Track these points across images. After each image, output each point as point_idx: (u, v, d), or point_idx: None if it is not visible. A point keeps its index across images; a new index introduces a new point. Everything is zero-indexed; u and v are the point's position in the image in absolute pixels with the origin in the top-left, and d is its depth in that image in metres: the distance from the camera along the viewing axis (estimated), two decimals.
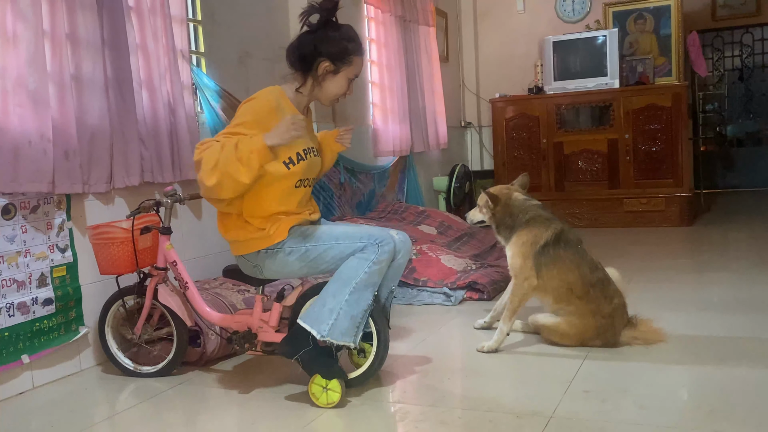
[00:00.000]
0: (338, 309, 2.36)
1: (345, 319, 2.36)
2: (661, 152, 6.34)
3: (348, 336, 2.37)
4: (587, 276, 2.90)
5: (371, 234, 2.40)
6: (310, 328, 2.37)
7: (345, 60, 2.49)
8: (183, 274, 2.77)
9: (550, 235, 2.93)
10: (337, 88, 2.53)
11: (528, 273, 2.93)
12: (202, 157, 2.29)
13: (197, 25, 3.83)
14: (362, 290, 2.36)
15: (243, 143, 2.28)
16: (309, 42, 2.50)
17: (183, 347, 2.84)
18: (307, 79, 2.52)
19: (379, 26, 5.53)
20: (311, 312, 2.41)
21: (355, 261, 2.37)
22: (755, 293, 3.69)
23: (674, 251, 5.21)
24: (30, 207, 2.77)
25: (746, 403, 2.26)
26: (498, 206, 3.05)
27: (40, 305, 2.79)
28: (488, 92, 7.36)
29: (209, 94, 3.74)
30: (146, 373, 2.86)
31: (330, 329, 2.35)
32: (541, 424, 2.17)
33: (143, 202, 2.80)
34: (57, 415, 2.51)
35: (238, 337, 2.63)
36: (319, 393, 2.41)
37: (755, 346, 2.83)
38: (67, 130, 2.82)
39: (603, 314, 2.87)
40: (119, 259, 2.77)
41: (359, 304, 2.37)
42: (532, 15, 7.30)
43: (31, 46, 2.66)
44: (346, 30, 2.52)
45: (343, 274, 2.38)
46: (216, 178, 2.27)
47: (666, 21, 6.71)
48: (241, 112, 2.41)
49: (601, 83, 6.51)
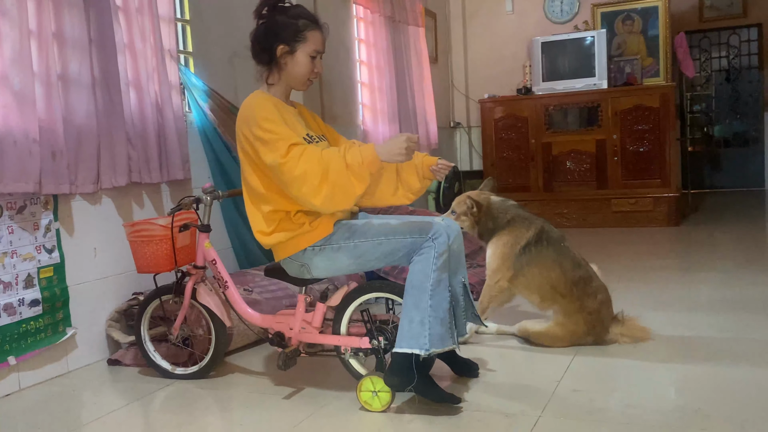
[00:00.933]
0: (428, 318, 2.25)
1: (437, 325, 2.26)
2: (648, 153, 6.37)
3: (447, 340, 2.28)
4: (569, 273, 2.91)
5: (422, 229, 2.30)
6: (411, 350, 2.26)
7: (298, 38, 2.45)
8: (223, 272, 2.70)
9: (532, 234, 2.95)
10: (300, 67, 2.47)
11: (501, 275, 2.98)
12: (302, 174, 2.22)
13: (185, 24, 3.81)
14: (438, 290, 2.27)
15: (351, 154, 2.21)
16: (263, 32, 2.50)
17: (222, 348, 2.78)
18: (272, 69, 2.50)
19: (368, 26, 5.53)
20: (403, 334, 2.29)
21: (419, 265, 2.28)
22: (742, 293, 3.72)
23: (662, 251, 5.24)
24: (17, 207, 2.75)
25: (733, 402, 2.27)
26: (481, 212, 3.05)
27: (26, 306, 2.77)
28: (477, 93, 7.38)
29: (197, 94, 3.72)
30: (184, 375, 2.81)
31: (430, 341, 2.25)
32: (530, 423, 2.17)
33: (183, 199, 2.71)
34: (44, 417, 2.49)
35: (283, 354, 2.47)
36: (370, 399, 2.34)
37: (742, 346, 2.85)
38: (53, 130, 2.80)
39: (589, 310, 2.89)
40: (157, 257, 2.71)
41: (442, 305, 2.28)
42: (521, 16, 7.32)
43: (17, 45, 2.64)
44: (294, 10, 2.49)
45: (415, 282, 2.28)
46: (325, 193, 2.21)
47: (654, 22, 6.75)
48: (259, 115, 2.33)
49: (589, 84, 6.53)
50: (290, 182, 2.26)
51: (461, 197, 3.14)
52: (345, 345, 2.51)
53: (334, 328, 2.54)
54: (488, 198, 3.10)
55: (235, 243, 3.87)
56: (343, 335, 2.53)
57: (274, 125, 2.31)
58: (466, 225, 3.10)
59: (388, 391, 2.32)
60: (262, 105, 2.39)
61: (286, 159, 2.25)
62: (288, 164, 2.24)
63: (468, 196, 3.10)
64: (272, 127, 2.31)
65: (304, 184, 2.23)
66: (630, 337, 2.92)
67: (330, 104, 5.05)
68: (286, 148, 2.25)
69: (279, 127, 2.31)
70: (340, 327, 2.53)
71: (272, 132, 2.30)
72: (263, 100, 2.42)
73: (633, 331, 2.94)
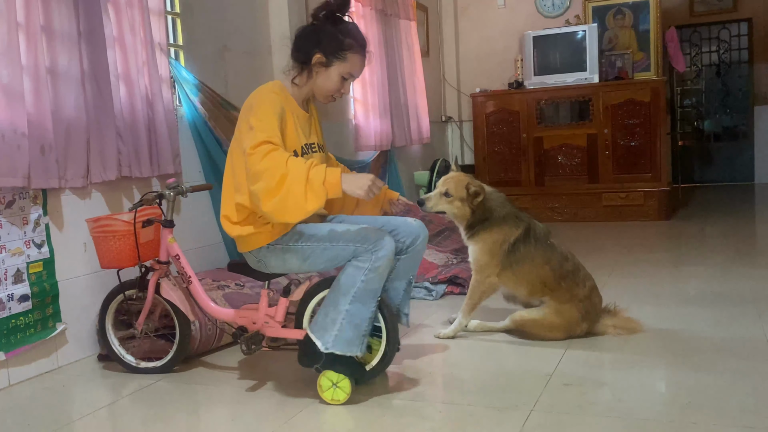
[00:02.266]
0: (340, 319, 2.31)
1: (349, 329, 2.32)
2: (639, 147, 6.39)
3: (353, 346, 2.33)
4: (558, 270, 2.93)
5: (367, 238, 2.32)
6: (316, 339, 2.34)
7: (338, 55, 2.45)
8: (186, 268, 2.71)
9: (521, 232, 2.95)
10: (329, 83, 2.49)
11: (491, 271, 2.96)
12: (262, 170, 2.21)
13: (175, 17, 3.79)
14: (362, 299, 2.31)
15: (316, 171, 2.20)
16: (308, 34, 2.50)
17: (186, 342, 2.79)
18: (302, 71, 2.51)
19: (360, 20, 5.51)
20: (317, 321, 2.37)
21: (351, 269, 2.32)
22: (732, 287, 3.74)
23: (652, 245, 5.26)
24: (5, 202, 2.73)
25: (723, 396, 2.29)
26: (481, 202, 2.96)
27: (16, 301, 2.75)
28: (469, 87, 7.37)
29: (188, 88, 3.70)
30: (149, 369, 2.81)
31: (334, 340, 2.32)
32: (522, 417, 2.18)
33: (145, 195, 2.72)
34: (34, 413, 2.48)
35: (246, 338, 2.54)
36: (326, 386, 2.37)
37: (732, 339, 2.87)
38: (42, 124, 2.78)
39: (580, 297, 2.92)
40: (121, 252, 2.71)
41: (362, 313, 2.32)
42: (513, 10, 7.32)
43: (5, 38, 2.62)
44: (346, 26, 2.49)
45: (341, 283, 2.33)
46: (277, 198, 2.20)
47: (645, 16, 6.76)
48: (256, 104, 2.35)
49: (580, 78, 6.54)
50: (251, 176, 2.26)
51: (457, 179, 2.98)
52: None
53: (297, 322, 2.56)
54: (484, 187, 3.00)
55: (226, 237, 3.86)
56: (305, 329, 2.54)
57: (267, 117, 2.32)
58: (457, 212, 2.97)
59: (347, 385, 2.36)
60: (269, 98, 2.40)
61: (254, 150, 2.25)
62: (254, 156, 2.24)
63: (467, 180, 2.97)
64: (263, 118, 2.32)
65: (261, 180, 2.22)
66: (622, 329, 2.94)
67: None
68: (259, 141, 2.26)
69: (269, 122, 2.31)
70: (303, 321, 2.56)
71: (261, 121, 2.31)
72: (274, 94, 2.43)
73: (625, 323, 2.96)
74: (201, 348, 2.95)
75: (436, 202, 2.98)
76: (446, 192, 2.96)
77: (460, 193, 2.95)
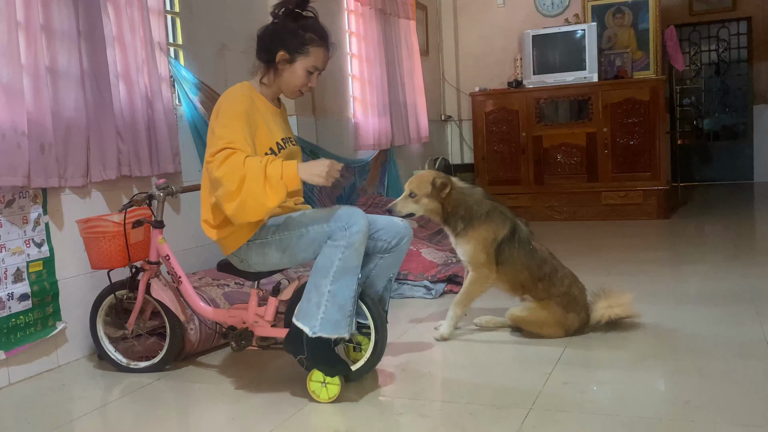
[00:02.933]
0: (324, 302, 2.31)
1: (333, 311, 2.31)
2: (638, 146, 6.40)
3: (340, 328, 2.33)
4: (535, 273, 2.98)
5: (339, 216, 2.32)
6: (302, 326, 2.34)
7: (301, 50, 2.47)
8: (176, 268, 2.72)
9: (507, 231, 2.97)
10: (295, 79, 2.51)
11: (489, 266, 2.97)
12: (221, 177, 2.25)
13: (175, 17, 3.79)
14: (342, 277, 2.31)
15: (273, 167, 2.23)
16: (270, 33, 2.51)
17: (176, 342, 2.79)
18: (269, 70, 2.53)
19: (359, 19, 5.51)
20: (301, 308, 2.38)
21: (328, 249, 2.32)
22: (731, 285, 3.74)
23: (651, 244, 5.26)
24: (5, 201, 2.73)
25: (721, 394, 2.29)
26: (450, 194, 2.93)
27: (16, 300, 2.76)
28: (468, 86, 7.38)
29: (187, 87, 3.70)
30: (139, 369, 2.82)
31: (321, 324, 2.32)
32: (521, 415, 2.18)
33: (135, 196, 2.74)
34: (34, 412, 2.48)
35: (235, 335, 2.56)
36: (318, 389, 2.37)
37: (731, 338, 2.87)
38: (42, 123, 2.78)
39: (557, 294, 2.96)
40: (111, 253, 2.72)
41: (344, 292, 2.31)
42: (512, 9, 7.32)
43: (4, 37, 2.62)
44: (307, 21, 2.51)
45: (319, 265, 2.34)
46: (236, 204, 2.24)
47: (644, 15, 6.77)
48: (223, 110, 2.38)
49: (579, 77, 6.54)
50: (213, 183, 2.31)
51: (420, 177, 2.97)
52: None
53: (286, 321, 2.57)
54: (452, 179, 2.99)
55: None
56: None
57: (230, 122, 2.34)
58: (429, 209, 2.95)
59: (337, 383, 2.36)
60: (235, 101, 2.42)
61: (213, 158, 2.29)
62: (213, 163, 2.29)
63: (433, 175, 2.95)
64: (227, 123, 2.34)
65: (221, 185, 2.26)
66: (618, 306, 2.94)
67: (321, 97, 5.04)
68: (218, 148, 2.29)
69: (231, 127, 2.33)
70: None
71: (223, 127, 2.33)
72: (242, 96, 2.45)
73: (617, 300, 2.96)
74: (201, 347, 2.95)
75: (403, 205, 2.97)
76: (411, 193, 2.96)
77: (425, 189, 2.94)
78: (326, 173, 2.25)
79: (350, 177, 5.35)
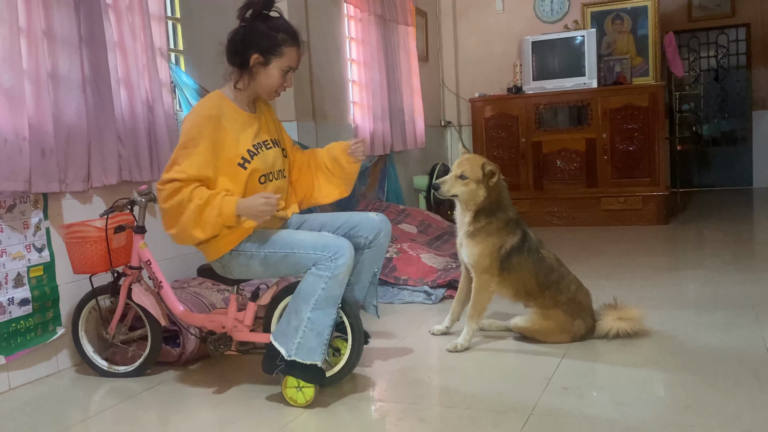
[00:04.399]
0: (302, 327, 2.33)
1: (311, 337, 2.33)
2: (638, 151, 6.41)
3: (315, 354, 2.34)
4: (543, 282, 2.98)
5: (326, 245, 2.35)
6: (278, 347, 2.36)
7: (275, 52, 2.49)
8: (157, 273, 2.74)
9: (517, 240, 2.96)
10: (270, 80, 2.52)
11: (494, 272, 2.96)
12: (166, 209, 2.39)
13: (176, 22, 3.80)
14: (323, 306, 2.34)
15: (210, 208, 2.33)
16: (240, 36, 2.52)
17: (157, 347, 2.81)
18: (243, 74, 2.53)
19: (359, 25, 5.53)
20: (279, 329, 2.40)
21: (312, 277, 2.34)
22: (730, 291, 3.75)
23: (651, 249, 5.27)
24: (6, 206, 2.74)
25: (721, 400, 2.29)
26: (495, 181, 2.88)
27: (16, 305, 2.76)
28: (468, 92, 7.39)
29: (188, 92, 3.71)
30: (121, 373, 2.84)
31: (297, 348, 2.34)
32: (521, 420, 2.18)
33: (117, 201, 2.77)
34: (34, 417, 2.48)
35: (214, 339, 2.60)
36: (295, 394, 2.39)
37: (730, 343, 2.87)
38: (43, 128, 2.79)
39: (563, 301, 2.95)
40: (93, 258, 2.74)
41: (323, 321, 2.34)
42: (511, 15, 7.34)
43: (6, 42, 2.63)
44: (276, 22, 2.52)
45: (302, 291, 2.35)
46: (174, 231, 2.41)
47: (643, 21, 6.79)
48: (185, 130, 2.42)
49: (579, 83, 6.56)
50: (159, 207, 2.45)
51: (471, 160, 2.91)
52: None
53: (265, 326, 2.59)
54: (499, 169, 2.94)
55: None
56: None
57: (189, 150, 2.39)
58: (475, 194, 2.89)
59: (311, 386, 2.38)
60: (203, 117, 2.44)
61: (163, 186, 2.39)
62: (161, 192, 2.39)
63: (482, 160, 2.91)
64: (187, 147, 2.39)
65: (163, 216, 2.43)
66: (627, 320, 2.94)
67: (321, 102, 5.05)
68: (169, 177, 2.37)
69: (187, 153, 2.38)
70: (271, 325, 2.58)
71: (181, 152, 2.40)
72: (211, 108, 2.47)
73: (627, 313, 2.96)
74: (200, 352, 2.95)
75: (451, 185, 2.92)
76: (461, 174, 2.90)
77: (476, 174, 2.88)
78: (262, 211, 2.34)
79: None
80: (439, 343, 3.10)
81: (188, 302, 2.89)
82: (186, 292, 3.04)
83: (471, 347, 2.98)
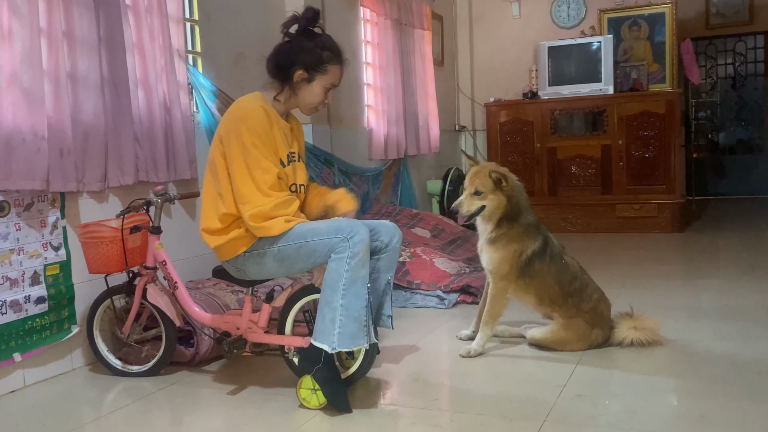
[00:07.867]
0: (338, 317, 2.32)
1: (349, 324, 2.32)
2: (653, 159, 6.37)
3: (358, 339, 2.34)
4: (566, 288, 2.95)
5: (339, 228, 2.36)
6: (321, 345, 2.34)
7: (319, 69, 2.51)
8: (172, 273, 2.76)
9: (538, 246, 2.94)
10: (312, 96, 2.55)
11: (511, 279, 2.94)
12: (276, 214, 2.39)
13: (194, 24, 3.83)
14: (352, 288, 2.33)
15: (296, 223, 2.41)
16: (285, 51, 2.54)
17: (171, 347, 2.83)
18: (284, 87, 2.55)
19: (375, 29, 5.54)
20: (317, 328, 2.37)
21: (334, 263, 2.34)
22: (745, 300, 3.71)
23: (665, 257, 5.23)
24: (24, 204, 2.76)
25: (736, 411, 2.27)
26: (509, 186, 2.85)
27: (32, 303, 2.78)
28: (483, 96, 7.38)
29: (205, 94, 3.73)
30: (135, 373, 2.85)
31: (338, 340, 2.32)
32: (534, 427, 2.17)
33: (133, 202, 2.79)
34: (48, 414, 2.50)
35: (228, 342, 2.60)
36: (309, 396, 2.39)
37: (745, 353, 2.85)
38: (61, 128, 2.81)
39: (585, 310, 2.93)
40: (108, 258, 2.77)
41: (355, 303, 2.33)
42: (528, 20, 7.33)
43: (27, 43, 2.65)
44: (322, 39, 2.54)
45: (328, 281, 2.35)
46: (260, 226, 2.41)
47: (660, 28, 6.75)
48: (248, 138, 2.40)
49: (595, 89, 6.53)
50: (257, 210, 2.38)
51: (478, 172, 2.88)
52: (288, 344, 2.58)
53: (279, 328, 2.60)
54: (508, 173, 2.90)
55: None
56: (287, 335, 2.59)
57: (261, 144, 2.41)
58: (496, 204, 2.86)
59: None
60: (257, 113, 2.45)
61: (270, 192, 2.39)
62: (268, 199, 2.39)
63: (489, 167, 2.87)
64: (258, 144, 2.40)
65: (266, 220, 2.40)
66: (643, 330, 2.92)
67: (336, 105, 5.06)
68: (272, 183, 2.39)
69: (263, 150, 2.41)
70: (285, 327, 2.59)
71: (262, 153, 2.40)
72: (259, 108, 2.47)
73: (644, 323, 2.94)
74: (214, 353, 2.97)
75: (469, 204, 2.89)
76: (476, 191, 2.88)
77: (488, 184, 2.86)
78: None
79: (363, 185, 5.36)
80: (452, 348, 3.09)
81: (203, 303, 2.90)
82: (200, 292, 3.05)
83: (485, 353, 2.97)
